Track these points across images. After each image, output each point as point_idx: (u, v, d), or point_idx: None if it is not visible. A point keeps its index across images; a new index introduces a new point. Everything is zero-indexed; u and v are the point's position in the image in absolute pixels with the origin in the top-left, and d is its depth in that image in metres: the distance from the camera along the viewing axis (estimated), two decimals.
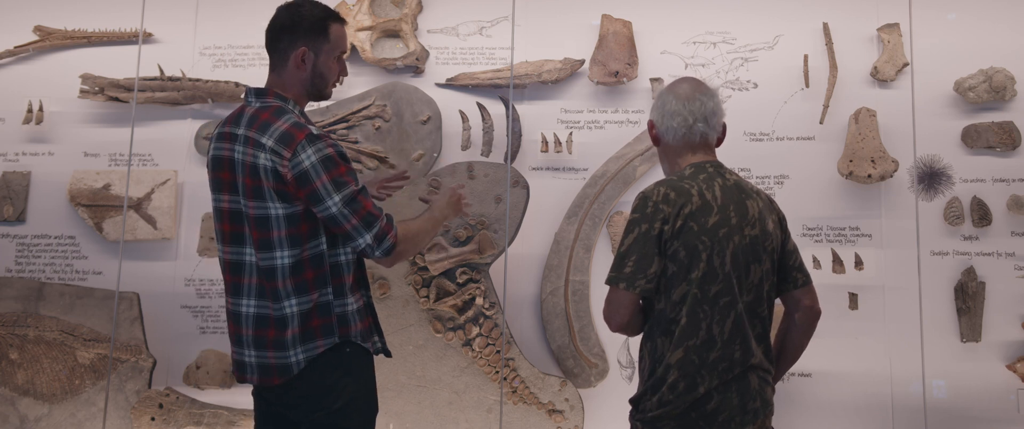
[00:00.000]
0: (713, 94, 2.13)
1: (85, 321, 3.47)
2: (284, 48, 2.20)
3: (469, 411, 3.31)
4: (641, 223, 1.99)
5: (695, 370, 1.95)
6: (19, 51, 3.76)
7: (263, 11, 3.74)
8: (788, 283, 2.12)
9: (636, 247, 1.98)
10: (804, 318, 2.14)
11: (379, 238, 2.09)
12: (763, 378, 2.04)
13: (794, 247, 2.16)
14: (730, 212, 2.01)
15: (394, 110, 3.51)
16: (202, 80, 3.62)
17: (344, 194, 2.05)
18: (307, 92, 2.23)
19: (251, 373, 2.16)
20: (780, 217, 2.15)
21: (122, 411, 3.40)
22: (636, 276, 1.97)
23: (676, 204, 1.98)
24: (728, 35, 3.57)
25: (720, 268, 1.97)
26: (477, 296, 3.34)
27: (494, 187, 3.37)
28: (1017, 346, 3.29)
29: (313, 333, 2.10)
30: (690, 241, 1.96)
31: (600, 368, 3.40)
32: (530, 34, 3.61)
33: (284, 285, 2.09)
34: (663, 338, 2.00)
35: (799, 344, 2.16)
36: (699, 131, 2.09)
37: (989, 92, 3.37)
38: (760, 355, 2.03)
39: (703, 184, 2.02)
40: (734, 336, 1.97)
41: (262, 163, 2.05)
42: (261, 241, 2.09)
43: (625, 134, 3.52)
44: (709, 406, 1.95)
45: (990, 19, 3.47)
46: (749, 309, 2.01)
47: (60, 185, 3.65)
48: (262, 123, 2.09)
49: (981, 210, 3.33)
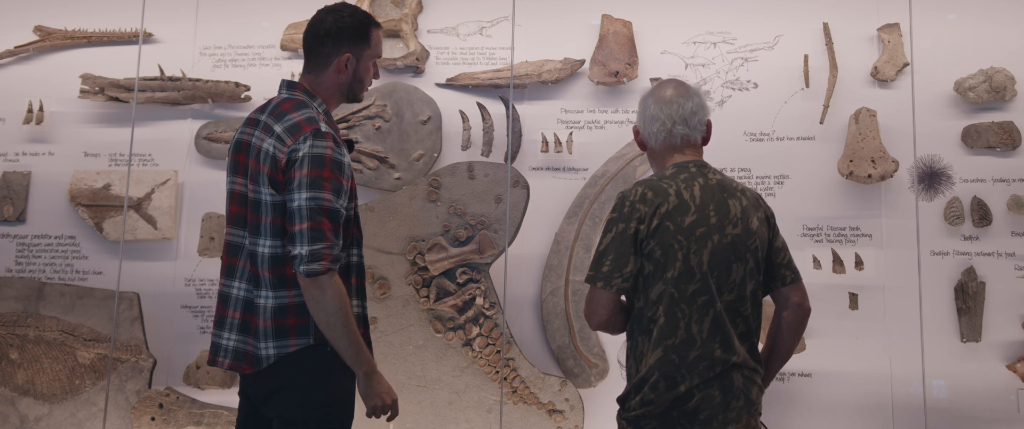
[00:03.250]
0: (692, 94, 2.12)
1: (85, 321, 3.47)
2: (327, 53, 2.22)
3: (469, 411, 3.31)
4: (618, 222, 2.01)
5: (675, 369, 1.96)
6: (19, 51, 3.76)
7: (263, 11, 3.78)
8: (776, 280, 2.12)
9: (613, 246, 2.00)
10: (793, 316, 2.13)
11: (313, 256, 1.99)
12: (748, 377, 2.03)
13: (782, 245, 2.16)
14: (709, 211, 2.01)
15: (394, 110, 3.51)
16: (202, 80, 3.62)
17: (313, 195, 2.01)
18: (342, 94, 2.27)
19: (224, 356, 2.16)
20: (767, 215, 2.15)
21: (122, 411, 3.41)
22: (613, 275, 1.99)
23: (652, 203, 1.99)
24: (728, 35, 3.57)
25: (697, 267, 1.98)
26: (477, 296, 3.34)
27: (494, 187, 3.37)
28: (1017, 346, 3.29)
29: (287, 331, 2.08)
30: (666, 240, 1.97)
31: (600, 368, 3.40)
32: (530, 34, 3.61)
33: (263, 274, 2.09)
34: (643, 337, 2.02)
35: (790, 342, 2.16)
36: (679, 133, 2.10)
37: (989, 92, 3.37)
38: (744, 354, 2.03)
39: (682, 184, 2.03)
40: (714, 335, 1.98)
41: (266, 148, 2.09)
42: (251, 225, 2.12)
43: (625, 134, 3.52)
44: (690, 404, 1.96)
45: (990, 19, 3.47)
46: (730, 308, 2.02)
47: (60, 185, 3.65)
48: (281, 112, 2.14)
49: (981, 210, 3.33)
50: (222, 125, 3.60)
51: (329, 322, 2.04)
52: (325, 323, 2.04)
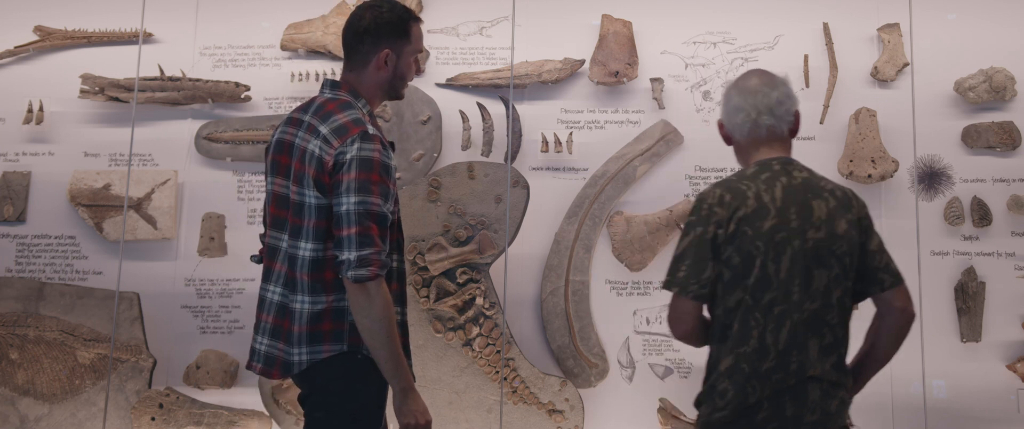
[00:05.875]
0: (778, 83, 2.03)
1: (85, 321, 3.47)
2: (367, 50, 2.18)
3: (469, 411, 3.31)
4: (696, 226, 1.92)
5: (745, 379, 1.88)
6: (19, 51, 3.76)
7: (263, 11, 3.77)
8: (874, 285, 1.99)
9: (690, 251, 1.91)
10: (895, 322, 2.01)
11: (362, 262, 1.96)
12: (827, 391, 1.91)
13: (879, 247, 2.02)
14: (790, 214, 1.91)
15: (394, 110, 3.51)
16: (202, 80, 3.62)
17: (362, 199, 1.98)
18: (384, 91, 2.24)
19: (256, 360, 2.16)
20: (859, 216, 1.99)
21: (122, 411, 3.41)
22: (689, 281, 1.90)
23: (730, 207, 1.90)
24: (728, 35, 3.57)
25: (775, 275, 1.88)
26: (477, 296, 3.34)
27: (494, 187, 3.37)
28: (1017, 346, 3.29)
29: (322, 337, 2.06)
30: (744, 246, 1.88)
31: (600, 368, 3.40)
32: (530, 34, 3.61)
33: (301, 277, 2.06)
34: (718, 345, 1.94)
35: (889, 349, 2.04)
36: (765, 124, 2.00)
37: (989, 92, 3.37)
38: (826, 366, 1.91)
39: (763, 184, 1.93)
40: (790, 346, 1.88)
41: (311, 149, 2.06)
42: (293, 228, 2.09)
43: (625, 134, 3.52)
44: (759, 416, 1.87)
45: (990, 19, 3.47)
46: (814, 318, 1.90)
47: (60, 185, 3.65)
48: (326, 112, 2.10)
49: (981, 210, 3.33)
50: (222, 125, 3.60)
51: (372, 330, 1.99)
52: (368, 330, 2.00)
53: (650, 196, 3.47)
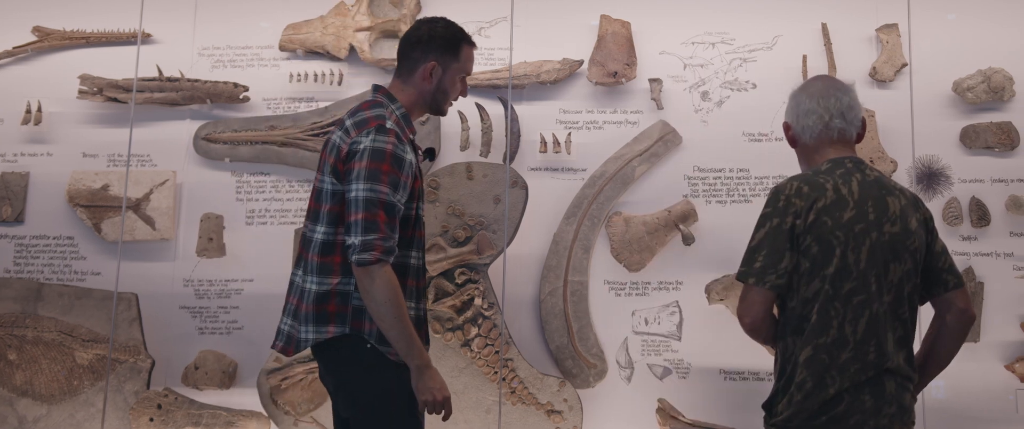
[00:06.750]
0: (848, 89, 2.08)
1: (84, 322, 3.47)
2: (415, 59, 2.31)
3: (468, 411, 3.31)
4: (772, 217, 1.93)
5: (824, 369, 1.87)
6: (18, 51, 3.76)
7: (262, 11, 3.77)
8: (938, 286, 2.04)
9: (767, 241, 1.92)
10: (957, 322, 2.04)
11: (364, 246, 2.04)
12: (901, 384, 1.93)
13: (943, 249, 2.06)
14: (867, 207, 1.93)
15: None
16: (201, 81, 3.62)
17: (371, 187, 2.06)
18: (426, 103, 2.34)
19: (279, 338, 2.27)
20: (926, 217, 2.05)
21: (121, 412, 3.40)
22: (766, 271, 1.91)
23: (809, 198, 1.92)
24: (727, 35, 3.57)
25: (854, 265, 1.89)
26: (476, 297, 3.34)
27: (493, 187, 3.37)
28: (1016, 346, 3.29)
29: (327, 317, 2.15)
30: (823, 236, 1.89)
31: (599, 368, 3.40)
32: (529, 35, 3.61)
33: (312, 259, 2.17)
34: (794, 337, 1.93)
35: (951, 349, 2.07)
36: (836, 127, 2.04)
37: (988, 92, 3.37)
38: (900, 360, 1.93)
39: (839, 179, 1.96)
40: (868, 337, 1.89)
41: (334, 140, 2.19)
42: (312, 212, 2.23)
43: (624, 134, 3.52)
44: (839, 409, 1.87)
45: (989, 20, 3.47)
46: (889, 310, 1.92)
47: (59, 186, 3.64)
48: (357, 110, 2.24)
49: (980, 210, 3.33)
50: (221, 126, 3.60)
51: (379, 312, 2.07)
52: (376, 313, 2.08)
53: (649, 196, 3.47)
